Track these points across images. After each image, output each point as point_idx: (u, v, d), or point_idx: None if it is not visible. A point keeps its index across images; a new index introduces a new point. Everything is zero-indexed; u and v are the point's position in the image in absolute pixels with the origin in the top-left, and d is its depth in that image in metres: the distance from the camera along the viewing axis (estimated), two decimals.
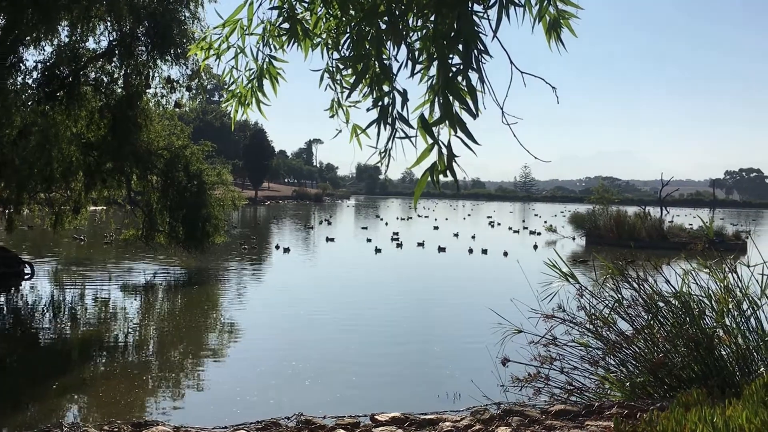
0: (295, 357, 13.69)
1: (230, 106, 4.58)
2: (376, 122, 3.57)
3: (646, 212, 44.57)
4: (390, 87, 3.64)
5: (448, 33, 3.43)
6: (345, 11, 4.02)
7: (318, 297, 21.77)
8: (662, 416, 4.42)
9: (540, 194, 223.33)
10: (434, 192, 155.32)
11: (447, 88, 3.30)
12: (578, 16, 3.95)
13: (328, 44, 4.34)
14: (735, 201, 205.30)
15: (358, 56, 3.78)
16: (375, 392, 11.77)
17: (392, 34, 3.71)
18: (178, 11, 23.31)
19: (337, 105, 4.49)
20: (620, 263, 6.86)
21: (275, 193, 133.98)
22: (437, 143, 3.31)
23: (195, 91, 25.30)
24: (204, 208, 25.66)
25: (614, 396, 6.34)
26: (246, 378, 12.42)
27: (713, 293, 6.21)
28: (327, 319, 17.92)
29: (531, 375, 6.63)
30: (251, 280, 25.70)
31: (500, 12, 3.49)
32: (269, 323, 17.53)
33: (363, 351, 14.62)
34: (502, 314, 7.11)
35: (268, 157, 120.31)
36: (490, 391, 7.15)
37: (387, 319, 18.09)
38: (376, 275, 28.09)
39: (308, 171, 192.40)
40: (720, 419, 4.04)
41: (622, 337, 6.39)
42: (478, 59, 3.36)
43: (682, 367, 6.00)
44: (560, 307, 6.76)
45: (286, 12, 4.18)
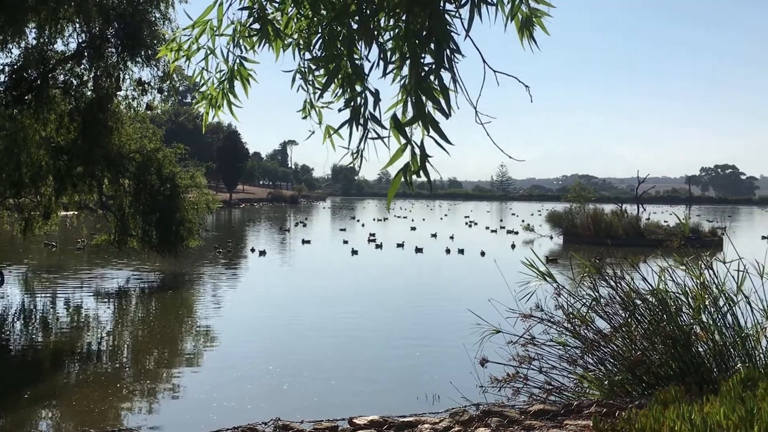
0: (273, 361, 13.56)
1: (201, 108, 4.50)
2: (348, 123, 3.54)
3: (623, 210, 44.92)
4: (362, 87, 3.60)
5: (420, 32, 3.40)
6: (316, 11, 3.98)
7: (294, 300, 21.63)
8: (641, 414, 4.41)
9: (517, 193, 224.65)
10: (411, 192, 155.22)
11: (419, 87, 3.26)
12: (551, 14, 3.93)
13: (299, 45, 4.29)
14: (711, 197, 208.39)
15: (329, 56, 3.73)
16: (353, 396, 11.69)
17: (364, 33, 3.67)
18: (148, 12, 23.04)
19: (310, 106, 4.44)
20: (596, 261, 6.85)
21: (250, 196, 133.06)
22: (410, 143, 3.27)
23: (167, 93, 25.03)
24: (177, 211, 25.41)
25: (593, 395, 6.33)
26: (222, 383, 12.28)
27: (690, 290, 6.22)
28: (304, 322, 17.80)
29: (510, 375, 6.60)
30: (227, 284, 25.47)
31: (472, 11, 3.46)
32: (245, 328, 17.37)
33: (341, 354, 14.53)
34: (480, 314, 7.07)
35: (242, 159, 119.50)
36: (469, 392, 7.11)
37: (364, 322, 18.01)
38: (353, 277, 28.00)
39: (283, 173, 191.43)
40: (698, 416, 4.03)
41: (600, 335, 6.38)
42: (450, 58, 3.33)
43: (660, 365, 6.00)
44: (538, 306, 6.74)
45: (256, 12, 4.12)
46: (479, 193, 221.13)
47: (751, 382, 4.46)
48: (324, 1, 3.90)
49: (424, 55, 3.37)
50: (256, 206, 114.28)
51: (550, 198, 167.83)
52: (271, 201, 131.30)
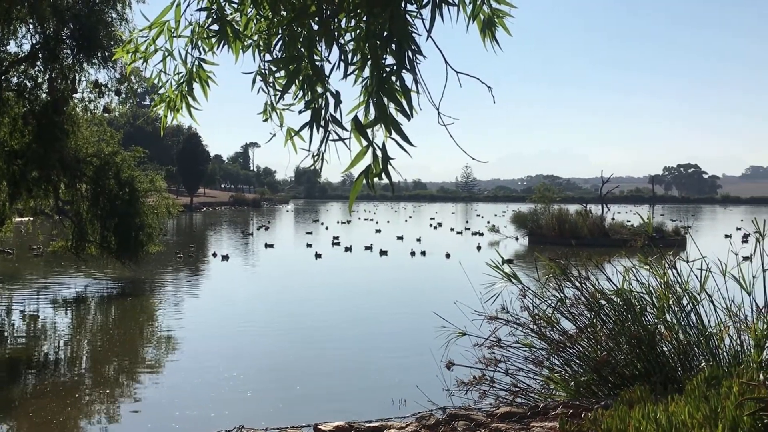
0: (236, 368, 13.38)
1: (160, 111, 4.42)
2: (309, 125, 3.49)
3: (588, 210, 45.41)
4: (323, 89, 3.57)
5: (381, 33, 3.36)
6: (276, 12, 3.94)
7: (258, 306, 21.42)
8: (606, 414, 4.41)
9: (482, 194, 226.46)
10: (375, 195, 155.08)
11: (381, 89, 3.21)
12: (512, 15, 3.94)
13: (259, 46, 4.24)
14: (674, 197, 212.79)
15: (289, 58, 3.69)
16: (318, 401, 11.60)
17: (324, 34, 3.62)
18: (104, 13, 22.60)
19: (271, 108, 4.40)
20: (561, 262, 6.85)
21: (211, 200, 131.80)
22: (372, 145, 3.22)
23: (125, 96, 24.57)
24: (137, 216, 24.99)
25: (559, 396, 6.32)
26: (184, 391, 12.08)
27: (654, 290, 6.25)
28: (268, 328, 17.63)
29: (476, 378, 6.56)
30: (189, 290, 25.11)
31: (434, 11, 3.44)
32: (208, 334, 17.13)
33: (305, 360, 14.40)
34: (446, 317, 7.02)
35: (203, 163, 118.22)
36: (435, 395, 7.05)
37: (329, 327, 17.90)
38: (317, 281, 27.82)
39: (245, 176, 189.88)
40: (663, 415, 4.04)
41: (565, 336, 6.37)
42: (412, 60, 3.30)
43: (625, 365, 6.02)
44: (504, 308, 6.71)
45: (215, 13, 4.06)
46: (444, 194, 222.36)
47: (715, 381, 4.49)
48: (284, 2, 3.86)
49: (385, 56, 3.33)
50: (218, 210, 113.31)
51: (515, 199, 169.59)
52: (233, 205, 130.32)
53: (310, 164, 3.55)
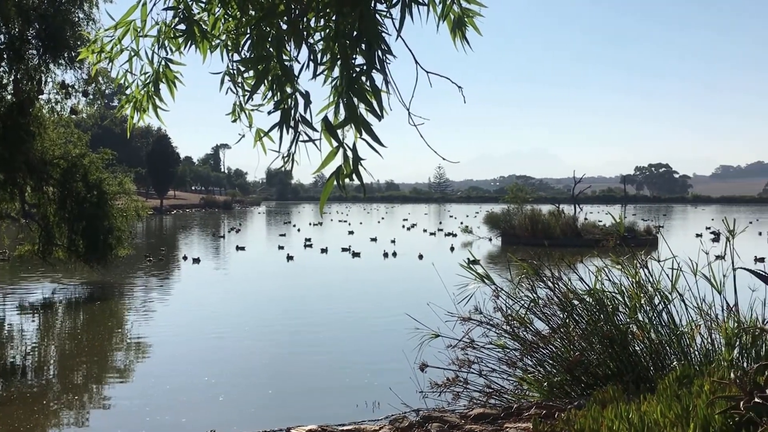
0: (207, 372, 13.23)
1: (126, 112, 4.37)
2: (278, 126, 3.46)
3: (560, 210, 45.62)
4: (292, 89, 3.55)
5: (351, 33, 3.34)
6: (244, 11, 3.92)
7: (229, 309, 21.21)
8: (579, 415, 4.41)
9: (455, 195, 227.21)
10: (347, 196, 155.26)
11: (351, 89, 3.18)
12: (483, 14, 3.94)
13: (227, 46, 4.21)
14: (646, 196, 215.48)
15: (258, 57, 3.66)
16: (291, 405, 11.51)
17: (293, 34, 3.59)
18: (71, 12, 22.26)
19: (239, 109, 4.36)
20: (534, 262, 6.86)
21: (182, 202, 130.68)
22: (342, 146, 3.20)
23: (92, 97, 24.24)
24: (105, 219, 24.66)
25: (532, 396, 6.33)
26: (155, 396, 11.91)
27: (626, 289, 6.28)
28: (239, 331, 17.47)
29: (449, 379, 6.54)
30: (159, 293, 24.79)
31: (403, 11, 3.43)
32: (179, 338, 16.92)
33: (278, 363, 14.29)
34: (419, 319, 7.00)
35: (173, 164, 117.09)
36: (409, 398, 7.02)
37: (301, 329, 17.78)
38: (289, 284, 27.65)
39: (216, 177, 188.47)
40: (635, 415, 4.05)
41: (538, 336, 6.38)
42: (382, 59, 3.28)
43: (598, 365, 6.04)
44: (477, 309, 6.70)
45: (182, 13, 4.01)
46: (417, 195, 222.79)
47: (687, 380, 4.51)
48: (252, 1, 3.84)
49: (355, 56, 3.32)
50: (189, 212, 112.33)
51: (488, 199, 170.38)
52: (203, 207, 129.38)
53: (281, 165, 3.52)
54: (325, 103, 3.42)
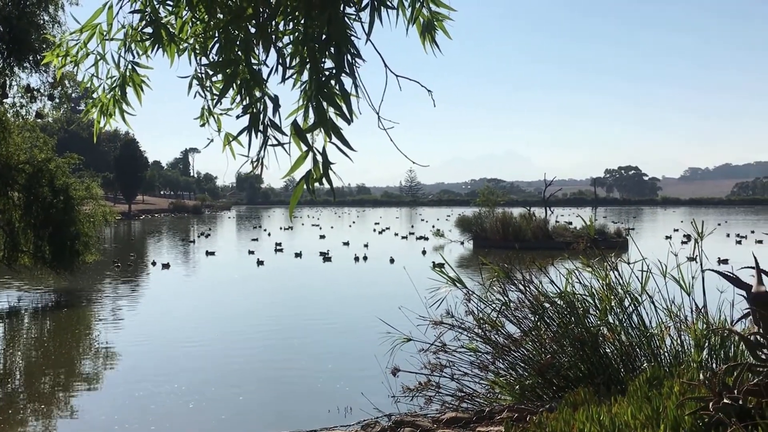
0: (177, 379, 13.07)
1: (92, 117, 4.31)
2: (247, 129, 3.43)
3: (531, 213, 45.79)
4: (261, 93, 3.53)
5: (320, 36, 3.32)
6: (212, 15, 3.88)
7: (199, 315, 21.00)
8: (551, 417, 4.42)
9: (426, 198, 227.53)
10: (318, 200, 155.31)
11: (320, 93, 3.17)
12: (452, 18, 3.96)
13: (195, 49, 4.17)
14: (616, 199, 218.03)
15: (226, 61, 3.64)
16: (263, 412, 11.41)
17: (261, 37, 3.55)
18: (35, 15, 21.88)
19: (208, 113, 4.33)
20: (505, 266, 6.88)
21: (151, 207, 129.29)
22: (312, 150, 3.19)
23: (58, 101, 23.85)
24: (72, 225, 24.26)
25: (504, 400, 6.34)
26: (124, 405, 11.73)
27: (596, 291, 6.33)
28: (209, 337, 17.29)
29: (422, 384, 6.54)
30: (128, 300, 24.42)
31: (372, 14, 3.42)
32: (148, 345, 16.69)
33: (249, 369, 14.14)
34: (391, 323, 6.98)
35: (141, 169, 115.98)
36: (381, 402, 7.00)
37: (272, 335, 17.65)
38: (260, 289, 27.45)
39: (185, 182, 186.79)
40: (606, 417, 4.07)
41: (510, 340, 6.40)
42: (351, 63, 3.27)
43: (569, 367, 6.07)
44: (448, 312, 6.70)
45: (149, 16, 3.98)
46: (388, 198, 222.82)
47: (657, 381, 4.55)
48: (220, 4, 3.79)
49: (324, 60, 3.31)
50: (158, 217, 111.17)
51: (460, 202, 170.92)
52: (172, 212, 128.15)
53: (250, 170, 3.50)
54: (295, 107, 3.41)
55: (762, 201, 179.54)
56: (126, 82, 4.21)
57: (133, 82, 4.23)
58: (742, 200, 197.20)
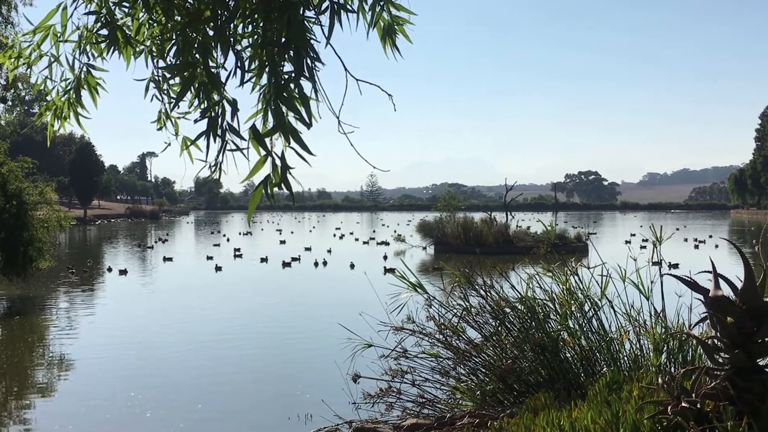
0: (134, 387, 12.82)
1: (46, 120, 4.24)
2: (205, 134, 3.38)
3: (492, 218, 45.95)
4: (219, 96, 3.49)
5: (279, 39, 3.28)
6: (169, 17, 3.83)
7: (156, 322, 20.66)
8: (512, 422, 4.43)
9: (387, 203, 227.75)
10: (279, 205, 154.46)
11: (279, 97, 3.13)
12: (412, 22, 3.95)
13: (152, 52, 4.11)
14: (576, 203, 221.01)
15: (184, 64, 3.59)
16: (221, 420, 11.24)
17: (220, 40, 3.49)
18: None
19: (165, 116, 4.27)
20: (466, 270, 6.88)
21: (107, 212, 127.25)
22: (270, 155, 3.15)
23: (11, 103, 23.33)
24: (25, 230, 23.70)
25: (466, 405, 6.33)
26: (79, 414, 11.47)
27: (557, 296, 6.36)
28: (167, 345, 17.01)
29: (383, 390, 6.49)
30: (83, 307, 23.91)
31: (332, 18, 3.41)
32: (103, 353, 16.33)
33: (207, 376, 13.93)
34: (352, 329, 6.93)
35: (97, 173, 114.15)
36: (341, 409, 6.95)
37: (231, 342, 17.43)
38: (218, 295, 27.09)
39: (142, 187, 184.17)
40: (566, 422, 4.07)
41: (471, 345, 6.39)
42: (311, 67, 3.24)
43: (530, 372, 6.09)
44: (409, 318, 6.67)
45: (104, 18, 3.91)
46: (349, 203, 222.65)
47: (616, 386, 4.57)
48: (177, 6, 3.73)
49: (283, 63, 3.27)
50: (114, 222, 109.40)
51: (421, 207, 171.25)
52: (129, 217, 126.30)
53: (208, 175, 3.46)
54: (254, 111, 3.38)
55: (719, 206, 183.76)
56: (81, 84, 4.15)
57: (88, 84, 4.16)
58: (700, 205, 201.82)
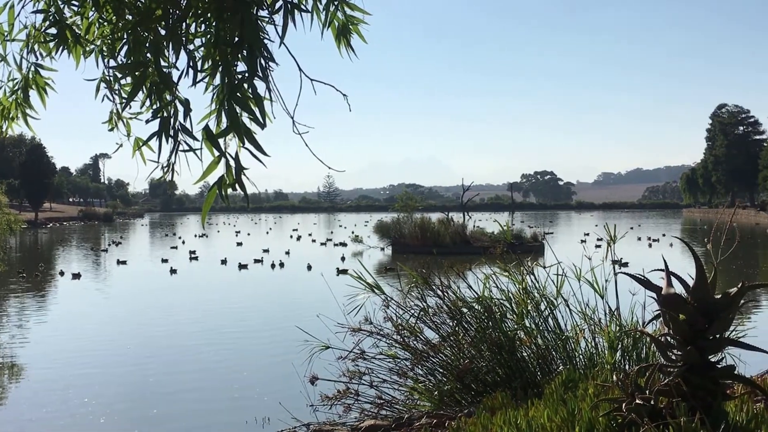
0: (87, 393, 12.58)
1: None
2: (157, 134, 3.33)
3: (450, 218, 46.09)
4: (172, 96, 3.41)
5: (232, 39, 3.23)
6: (120, 16, 3.75)
7: (110, 326, 20.29)
8: (469, 422, 4.44)
9: (345, 204, 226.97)
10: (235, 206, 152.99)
11: (232, 97, 3.09)
12: (367, 22, 3.96)
13: (103, 51, 4.02)
14: (532, 203, 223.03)
15: (135, 63, 3.53)
16: (178, 425, 11.12)
17: (171, 39, 3.43)
18: None
19: (117, 117, 4.18)
20: (423, 271, 6.89)
21: (59, 215, 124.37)
22: (224, 155, 3.11)
23: None
24: None
25: (423, 406, 6.34)
26: (31, 422, 11.23)
27: (513, 296, 6.41)
28: (121, 350, 16.71)
29: (340, 392, 6.46)
30: (35, 311, 23.37)
31: (286, 17, 3.39)
32: (56, 358, 15.96)
33: (163, 381, 13.73)
34: (309, 331, 6.89)
35: (48, 175, 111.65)
36: (299, 412, 6.89)
37: (187, 346, 17.20)
38: (173, 298, 26.71)
39: (96, 189, 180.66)
40: (523, 420, 4.10)
41: (428, 345, 6.40)
42: (264, 67, 3.21)
43: (487, 372, 6.12)
44: (367, 319, 6.65)
45: (53, 16, 3.83)
46: (306, 205, 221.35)
47: (572, 384, 4.62)
48: (128, 5, 3.66)
49: (236, 63, 3.22)
50: (66, 225, 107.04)
51: (378, 208, 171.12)
52: (82, 219, 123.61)
53: (160, 176, 3.41)
54: (207, 111, 3.32)
55: (672, 205, 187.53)
56: (29, 84, 4.08)
57: (36, 84, 4.10)
58: (653, 204, 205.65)
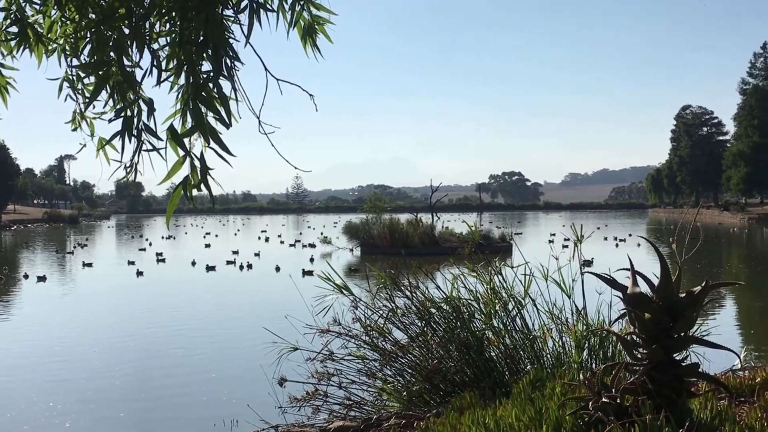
0: (53, 397, 12.36)
1: None
2: (120, 134, 3.30)
3: (418, 219, 46.07)
4: (135, 96, 3.38)
5: (197, 38, 3.20)
6: (83, 14, 3.71)
7: (76, 329, 19.97)
8: (438, 422, 4.45)
9: (313, 205, 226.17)
10: (202, 207, 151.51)
11: (197, 96, 3.07)
12: (333, 22, 3.97)
13: (65, 50, 3.98)
14: (500, 204, 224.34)
15: (98, 62, 3.49)
16: (145, 428, 10.97)
17: (135, 38, 3.39)
18: None
19: (80, 116, 4.13)
20: (392, 272, 6.90)
21: (23, 217, 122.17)
22: (189, 155, 3.08)
23: None
24: None
25: (392, 407, 6.34)
26: None
27: (481, 296, 6.45)
28: (87, 352, 16.45)
29: (309, 393, 6.44)
30: None
31: (251, 17, 3.38)
32: (20, 362, 15.67)
33: (129, 384, 13.55)
34: (277, 332, 6.86)
35: (11, 177, 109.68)
36: (268, 414, 6.85)
37: (154, 348, 16.99)
38: (140, 300, 26.30)
39: (61, 190, 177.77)
40: (491, 420, 4.12)
41: (397, 346, 6.41)
42: (230, 66, 3.20)
43: (456, 372, 6.15)
44: (336, 320, 6.64)
45: (14, 14, 3.83)
46: (274, 206, 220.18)
47: (540, 383, 4.66)
48: (91, 3, 3.62)
49: (201, 63, 3.20)
50: (31, 228, 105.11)
51: (347, 209, 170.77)
52: (47, 222, 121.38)
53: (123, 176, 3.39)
54: (172, 111, 3.31)
55: (638, 205, 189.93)
56: None
57: None
58: (620, 204, 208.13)
